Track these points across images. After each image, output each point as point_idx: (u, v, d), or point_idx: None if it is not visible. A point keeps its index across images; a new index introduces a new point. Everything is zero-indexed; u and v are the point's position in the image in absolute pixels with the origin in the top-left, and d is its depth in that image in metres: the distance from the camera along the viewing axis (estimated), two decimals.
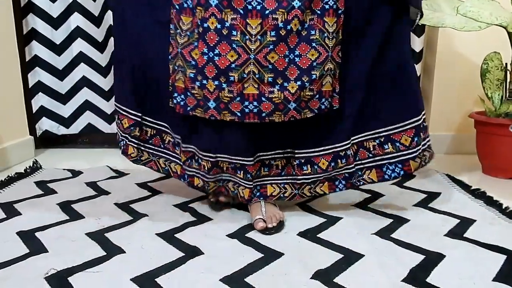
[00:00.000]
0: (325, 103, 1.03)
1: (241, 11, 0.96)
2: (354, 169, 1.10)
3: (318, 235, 1.02)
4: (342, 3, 0.99)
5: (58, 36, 1.93)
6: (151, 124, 1.18)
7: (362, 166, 1.10)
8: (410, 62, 1.09)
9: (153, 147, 1.20)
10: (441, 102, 1.86)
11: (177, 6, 1.03)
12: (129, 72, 1.14)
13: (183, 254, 0.93)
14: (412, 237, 1.01)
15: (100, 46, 1.94)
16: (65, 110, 2.01)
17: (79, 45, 1.93)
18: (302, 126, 1.06)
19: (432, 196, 1.30)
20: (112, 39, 1.87)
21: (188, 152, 1.12)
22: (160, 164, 1.21)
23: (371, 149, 1.09)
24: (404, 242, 0.98)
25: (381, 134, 1.08)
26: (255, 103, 0.99)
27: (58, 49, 1.94)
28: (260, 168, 1.11)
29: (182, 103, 1.06)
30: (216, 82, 0.99)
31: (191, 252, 0.94)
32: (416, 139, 1.07)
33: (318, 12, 0.98)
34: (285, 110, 1.00)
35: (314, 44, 0.98)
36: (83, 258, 0.90)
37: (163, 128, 1.17)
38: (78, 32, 1.92)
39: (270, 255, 0.93)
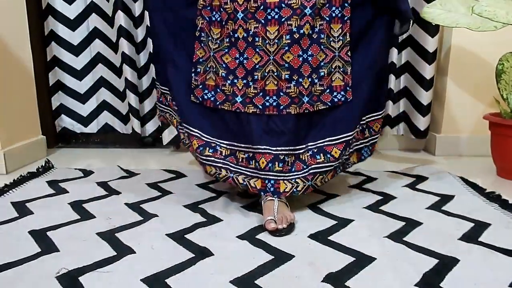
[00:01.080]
0: (338, 96, 1.17)
1: (262, 21, 1.12)
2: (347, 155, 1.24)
3: (329, 237, 1.01)
4: (348, 11, 1.15)
5: (75, 37, 1.98)
6: (224, 145, 1.21)
7: (352, 150, 1.25)
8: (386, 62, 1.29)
9: (230, 164, 1.19)
10: (455, 103, 1.83)
11: (207, 18, 1.21)
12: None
13: (193, 255, 0.92)
14: (425, 240, 0.99)
15: (114, 47, 1.96)
16: (84, 109, 2.06)
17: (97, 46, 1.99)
18: (318, 117, 1.18)
19: (446, 198, 1.27)
20: (122, 39, 1.88)
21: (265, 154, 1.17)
22: (238, 180, 1.17)
23: (356, 135, 1.23)
24: (417, 245, 0.96)
25: (364, 121, 1.25)
26: (274, 97, 1.14)
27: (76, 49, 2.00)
28: (273, 162, 1.14)
29: (212, 98, 1.21)
30: (244, 81, 1.16)
31: (201, 253, 0.93)
32: (382, 126, 1.38)
33: (327, 18, 1.14)
34: (299, 103, 1.15)
35: (322, 47, 1.14)
36: (94, 258, 0.91)
37: (235, 148, 1.20)
38: (95, 33, 1.97)
39: (280, 257, 0.92)
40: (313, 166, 1.14)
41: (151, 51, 1.88)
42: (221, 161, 1.19)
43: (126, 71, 1.92)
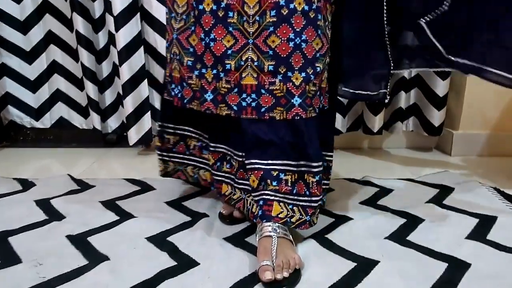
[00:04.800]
0: (322, 101, 0.91)
1: None
2: None
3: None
4: None
5: (22, 11, 1.60)
6: (172, 131, 1.05)
7: None
8: None
9: (178, 155, 1.07)
10: (475, 96, 1.55)
11: None
12: None
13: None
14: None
15: (69, 23, 1.60)
16: (35, 99, 1.70)
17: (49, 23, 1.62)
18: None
19: (486, 222, 0.99)
20: (79, 17, 1.53)
21: (217, 153, 0.98)
22: (188, 172, 1.08)
23: None
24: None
25: None
26: (253, 96, 0.84)
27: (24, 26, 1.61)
28: (263, 180, 0.87)
29: (179, 95, 0.95)
30: (214, 71, 0.86)
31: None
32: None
33: None
34: (288, 106, 0.84)
35: (319, 32, 0.84)
36: None
37: (187, 133, 1.04)
38: (45, 7, 1.60)
39: None
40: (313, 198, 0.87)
41: (110, 30, 1.53)
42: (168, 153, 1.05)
43: (82, 54, 1.57)
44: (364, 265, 0.80)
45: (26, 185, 1.23)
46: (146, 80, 1.55)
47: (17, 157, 1.58)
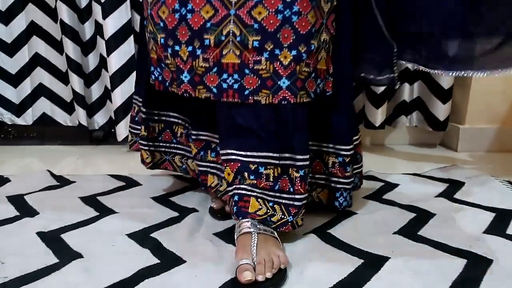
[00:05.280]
0: (320, 85, 0.79)
1: None
2: None
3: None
4: None
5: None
6: (157, 117, 0.96)
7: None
8: None
9: (164, 144, 0.98)
10: (482, 88, 1.47)
11: None
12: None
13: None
14: None
15: (53, 13, 1.51)
16: (16, 94, 1.59)
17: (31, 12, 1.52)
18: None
19: (503, 216, 0.90)
20: (63, 6, 1.44)
21: (200, 141, 0.88)
22: (176, 163, 0.99)
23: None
24: None
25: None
26: (236, 76, 0.74)
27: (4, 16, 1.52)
28: (239, 173, 0.76)
29: (160, 78, 0.85)
30: (190, 48, 0.75)
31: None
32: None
33: None
34: (274, 89, 0.73)
35: (314, 3, 0.73)
36: None
37: (172, 120, 0.96)
38: None
39: None
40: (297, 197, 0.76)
41: (97, 20, 1.45)
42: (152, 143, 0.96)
43: (67, 45, 1.48)
44: (373, 262, 0.70)
45: (0, 181, 1.13)
46: (135, 72, 1.46)
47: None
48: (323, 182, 0.88)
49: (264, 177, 0.75)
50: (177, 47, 0.76)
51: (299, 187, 0.74)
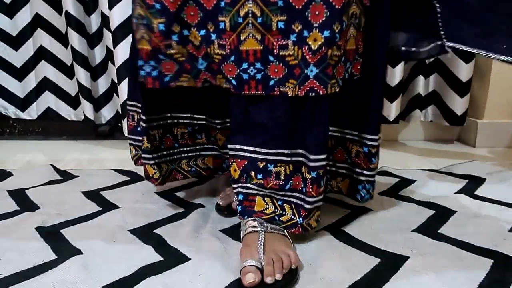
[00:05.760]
0: (349, 69, 0.70)
1: None
2: None
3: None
4: None
5: None
6: (155, 123, 0.83)
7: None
8: None
9: (167, 152, 0.85)
10: (501, 80, 1.40)
11: None
12: None
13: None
14: None
15: (58, 5, 1.48)
16: (21, 88, 1.56)
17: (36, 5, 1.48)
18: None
19: None
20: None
21: (226, 130, 0.83)
22: (183, 168, 0.88)
23: None
24: None
25: None
26: (258, 65, 0.63)
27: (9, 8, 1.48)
28: (246, 172, 0.70)
29: (154, 73, 0.70)
30: (203, 32, 0.66)
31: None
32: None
33: None
34: (301, 78, 0.63)
35: None
36: None
37: (169, 121, 0.84)
38: None
39: None
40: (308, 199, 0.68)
41: (103, 12, 1.41)
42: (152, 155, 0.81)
43: (72, 38, 1.45)
44: (391, 262, 0.66)
45: (2, 175, 1.10)
46: (129, 72, 1.42)
47: (2, 151, 1.45)
48: (345, 171, 0.80)
49: (274, 175, 0.69)
50: (185, 32, 0.67)
51: (310, 189, 0.67)
